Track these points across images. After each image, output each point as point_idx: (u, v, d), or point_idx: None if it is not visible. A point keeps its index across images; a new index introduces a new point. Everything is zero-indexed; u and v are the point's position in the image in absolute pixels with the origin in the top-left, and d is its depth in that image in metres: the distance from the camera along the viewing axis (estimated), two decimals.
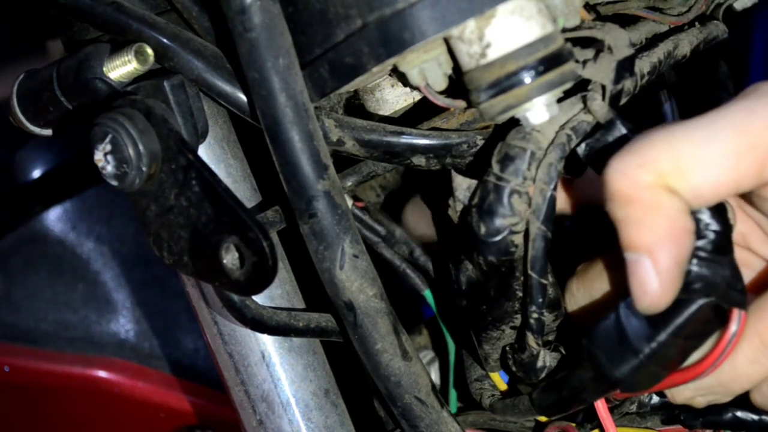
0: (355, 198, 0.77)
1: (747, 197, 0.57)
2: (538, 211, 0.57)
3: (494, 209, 0.57)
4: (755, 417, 0.63)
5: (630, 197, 0.52)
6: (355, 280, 0.60)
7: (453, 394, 0.77)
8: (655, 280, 0.52)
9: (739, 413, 0.63)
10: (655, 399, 0.67)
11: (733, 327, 0.55)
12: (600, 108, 0.57)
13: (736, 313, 0.54)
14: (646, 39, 0.67)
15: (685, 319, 0.54)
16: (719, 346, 0.55)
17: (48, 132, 0.70)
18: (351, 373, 0.74)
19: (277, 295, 0.69)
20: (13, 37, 1.31)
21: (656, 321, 0.54)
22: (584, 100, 0.58)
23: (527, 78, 0.56)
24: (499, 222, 0.57)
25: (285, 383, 0.69)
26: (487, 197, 0.57)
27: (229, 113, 0.67)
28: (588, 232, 0.65)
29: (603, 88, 0.58)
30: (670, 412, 0.66)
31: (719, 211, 0.54)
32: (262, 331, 0.67)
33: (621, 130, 0.56)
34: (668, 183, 0.52)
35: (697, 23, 0.70)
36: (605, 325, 0.55)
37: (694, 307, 0.54)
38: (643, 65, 0.63)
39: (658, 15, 0.68)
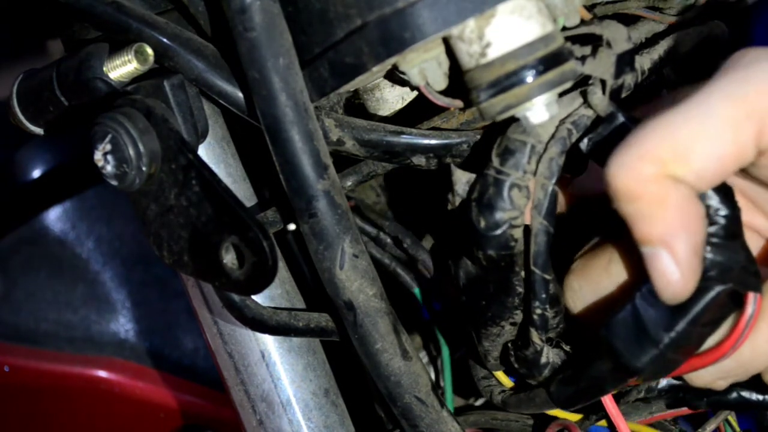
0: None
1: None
2: (539, 205, 0.57)
3: (494, 203, 0.57)
4: (760, 397, 0.63)
5: (635, 193, 0.52)
6: (355, 279, 0.60)
7: (449, 394, 0.77)
8: (675, 271, 0.52)
9: (744, 393, 0.63)
10: (663, 383, 0.67)
11: (749, 310, 0.55)
12: (600, 102, 0.57)
13: (751, 297, 0.55)
14: (646, 38, 0.67)
15: (703, 307, 0.54)
16: (737, 330, 0.55)
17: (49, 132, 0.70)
18: (351, 373, 0.74)
19: (277, 294, 0.69)
20: (13, 37, 1.31)
21: (674, 310, 0.54)
22: (584, 94, 0.58)
23: (527, 77, 0.56)
24: (498, 216, 0.57)
25: (285, 383, 0.69)
26: (486, 191, 0.57)
27: (228, 113, 0.67)
28: (579, 224, 0.65)
29: (603, 82, 0.58)
30: (675, 394, 0.66)
31: (726, 194, 0.54)
32: (262, 331, 0.67)
33: (623, 122, 0.57)
34: (671, 171, 0.52)
35: (697, 23, 0.70)
36: (622, 316, 0.55)
37: (711, 294, 0.54)
38: (644, 62, 0.63)
39: (658, 15, 0.68)
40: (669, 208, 0.52)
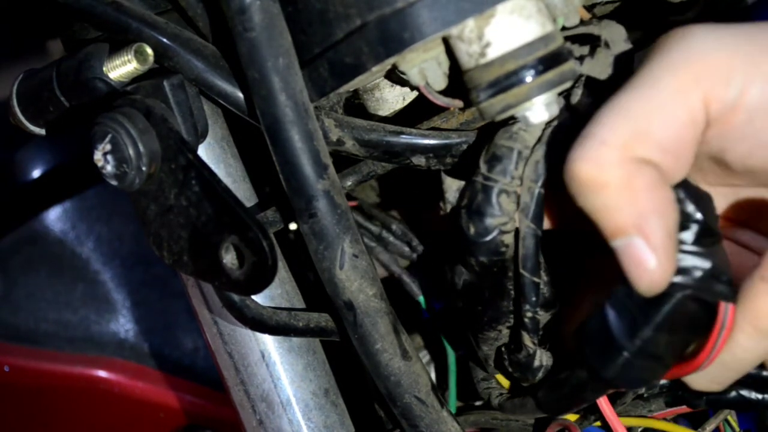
0: (349, 198, 0.76)
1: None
2: (526, 209, 0.57)
3: (483, 209, 0.57)
4: (759, 396, 0.63)
5: (600, 181, 0.51)
6: (354, 279, 0.60)
7: (453, 395, 0.77)
8: (652, 257, 0.51)
9: (743, 392, 0.63)
10: (660, 381, 0.67)
11: (720, 320, 0.54)
12: (582, 105, 0.57)
13: (723, 307, 0.54)
14: (646, 38, 0.67)
15: (665, 313, 0.53)
16: (709, 342, 0.54)
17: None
18: (351, 373, 0.74)
19: (277, 294, 0.69)
20: (13, 37, 1.31)
21: (638, 318, 0.53)
22: (567, 97, 0.58)
23: (527, 77, 0.56)
24: (488, 222, 0.57)
25: (285, 383, 0.69)
26: (475, 198, 0.57)
27: (228, 113, 0.67)
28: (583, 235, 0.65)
29: (594, 82, 0.58)
30: (674, 393, 0.66)
31: (703, 200, 0.54)
32: (262, 331, 0.67)
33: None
34: (635, 153, 0.51)
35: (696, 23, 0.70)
36: (592, 326, 0.55)
37: (673, 301, 0.53)
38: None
39: (658, 14, 0.68)
40: (638, 192, 0.51)
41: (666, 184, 0.52)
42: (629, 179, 0.51)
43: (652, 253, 0.51)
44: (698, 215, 0.53)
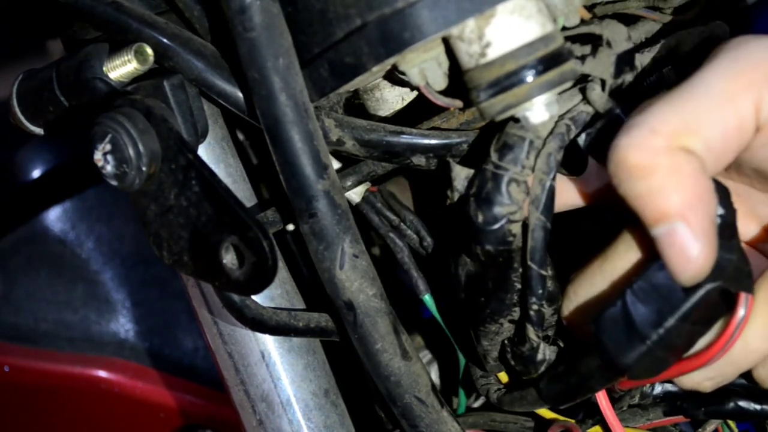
0: (372, 183, 0.75)
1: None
2: (537, 201, 0.57)
3: (492, 198, 0.57)
4: (757, 407, 0.63)
5: (648, 167, 0.52)
6: (355, 279, 0.60)
7: (462, 395, 0.77)
8: (695, 244, 0.51)
9: (741, 402, 0.63)
10: (657, 389, 0.67)
11: (741, 311, 0.54)
12: (599, 98, 0.58)
13: (743, 297, 0.54)
14: (646, 38, 0.67)
15: (693, 304, 0.53)
16: (727, 331, 0.54)
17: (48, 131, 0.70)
18: (351, 373, 0.74)
19: (277, 294, 0.69)
20: (13, 37, 1.31)
21: (663, 307, 0.54)
22: (583, 91, 0.58)
23: (527, 77, 0.56)
24: (497, 210, 0.57)
25: (285, 383, 0.69)
26: (485, 186, 0.57)
27: (228, 113, 0.67)
28: (585, 232, 0.65)
29: (603, 82, 0.58)
30: (672, 402, 0.66)
31: (723, 194, 0.54)
32: (262, 331, 0.67)
33: (621, 118, 0.57)
34: (683, 143, 0.52)
35: (698, 23, 0.70)
36: (612, 313, 0.55)
37: (701, 292, 0.53)
38: (644, 61, 0.63)
39: (658, 14, 0.68)
40: (685, 178, 0.51)
41: (708, 175, 0.53)
42: (677, 165, 0.52)
43: (695, 241, 0.51)
44: (721, 209, 0.54)
